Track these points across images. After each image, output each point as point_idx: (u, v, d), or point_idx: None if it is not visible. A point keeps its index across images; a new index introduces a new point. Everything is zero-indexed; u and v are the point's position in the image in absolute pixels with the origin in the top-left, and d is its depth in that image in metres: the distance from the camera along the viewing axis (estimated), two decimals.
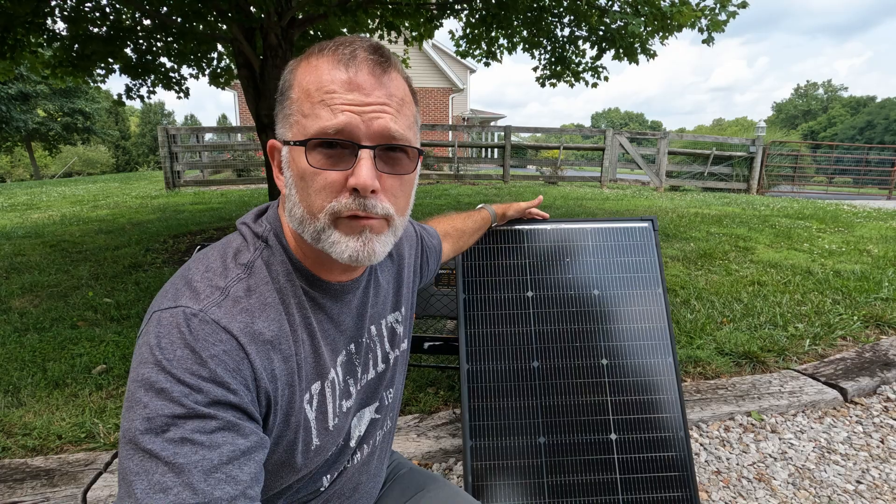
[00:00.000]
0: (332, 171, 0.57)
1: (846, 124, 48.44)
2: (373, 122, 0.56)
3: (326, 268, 0.65)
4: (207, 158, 11.68)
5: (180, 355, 0.50)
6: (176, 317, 0.53)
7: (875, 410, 2.06)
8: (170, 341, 0.51)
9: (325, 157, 0.57)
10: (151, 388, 0.49)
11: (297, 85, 0.58)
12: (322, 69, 0.57)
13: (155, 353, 0.50)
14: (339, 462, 0.72)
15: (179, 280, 0.58)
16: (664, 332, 1.45)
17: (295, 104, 0.58)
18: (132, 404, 0.49)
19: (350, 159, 0.57)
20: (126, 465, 0.47)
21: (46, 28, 4.39)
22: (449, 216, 1.19)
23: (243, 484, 0.49)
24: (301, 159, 0.57)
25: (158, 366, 0.50)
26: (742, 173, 10.97)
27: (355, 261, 0.59)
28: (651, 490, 1.32)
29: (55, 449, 1.76)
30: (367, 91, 0.56)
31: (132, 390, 0.50)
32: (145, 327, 0.54)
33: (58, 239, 5.04)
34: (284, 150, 0.61)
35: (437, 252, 1.02)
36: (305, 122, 0.57)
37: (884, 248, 4.42)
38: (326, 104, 0.56)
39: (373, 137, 0.57)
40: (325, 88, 0.56)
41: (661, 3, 3.98)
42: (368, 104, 0.56)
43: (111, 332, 2.69)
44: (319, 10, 4.17)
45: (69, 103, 22.89)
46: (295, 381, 0.60)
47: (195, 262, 0.60)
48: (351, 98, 0.56)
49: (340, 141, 0.56)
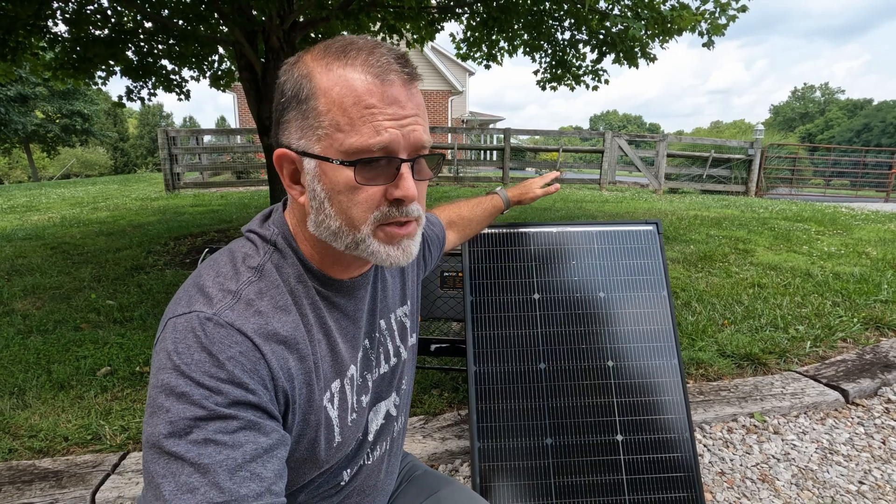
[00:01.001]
0: (375, 186, 0.58)
1: (843, 127, 48.63)
2: (410, 135, 0.58)
3: (339, 266, 0.66)
4: (207, 160, 11.66)
5: (198, 359, 0.51)
6: (191, 321, 0.54)
7: (876, 412, 2.07)
8: (186, 346, 0.52)
9: (368, 172, 0.58)
10: (172, 392, 0.50)
11: (323, 94, 0.56)
12: (354, 80, 0.56)
13: (173, 359, 0.51)
14: (358, 457, 0.73)
15: (191, 286, 0.59)
16: (669, 334, 1.46)
17: (325, 116, 0.56)
18: (154, 410, 0.50)
19: (390, 172, 0.58)
20: (152, 469, 0.48)
21: (48, 30, 4.39)
22: (456, 203, 1.19)
23: (268, 481, 0.50)
24: (342, 175, 0.57)
25: (177, 370, 0.51)
26: (740, 176, 11.01)
27: (396, 264, 0.62)
28: (657, 491, 1.34)
29: (62, 451, 1.76)
30: (403, 104, 0.57)
31: (153, 396, 0.51)
32: (161, 334, 0.55)
33: (58, 241, 5.03)
34: (310, 164, 0.59)
35: (440, 241, 1.03)
36: (343, 137, 0.56)
37: (882, 251, 4.45)
38: (367, 120, 0.55)
39: (409, 149, 0.58)
40: (363, 102, 0.55)
41: (661, 8, 4.00)
42: (405, 117, 0.57)
43: (114, 335, 2.70)
44: (322, 13, 4.18)
45: (67, 105, 22.88)
46: (313, 381, 0.61)
47: (205, 268, 0.61)
48: (390, 112, 0.56)
49: (383, 157, 0.57)
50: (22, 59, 4.42)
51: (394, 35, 4.91)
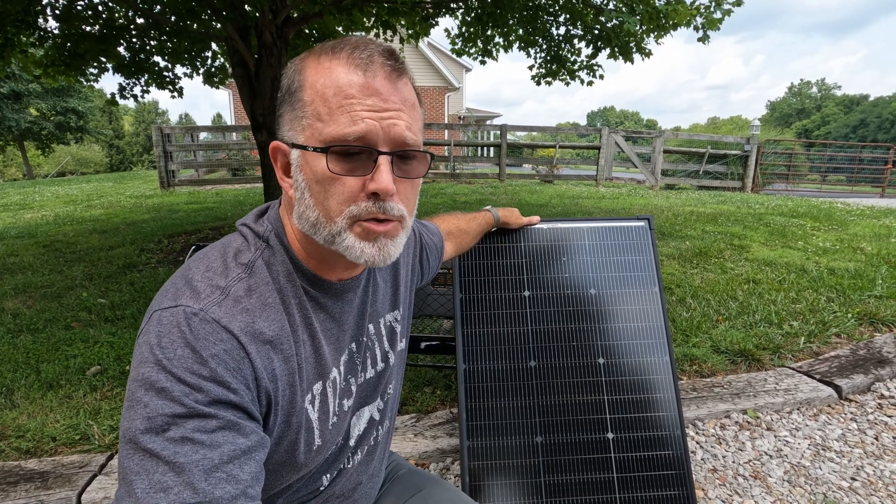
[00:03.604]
0: (351, 177, 0.57)
1: (839, 123, 48.75)
2: (390, 129, 0.57)
3: (329, 267, 0.65)
4: (202, 158, 11.62)
5: (181, 354, 0.50)
6: (176, 316, 0.53)
7: (869, 408, 2.07)
8: (170, 340, 0.51)
9: (345, 163, 0.57)
10: (152, 387, 0.49)
11: (310, 86, 0.57)
12: (338, 72, 0.56)
13: (155, 353, 0.50)
14: (338, 461, 0.72)
15: (179, 279, 0.58)
16: (661, 330, 1.45)
17: (308, 107, 0.57)
18: (132, 403, 0.49)
19: (368, 165, 0.57)
20: (126, 465, 0.47)
21: (38, 26, 4.35)
22: (454, 215, 1.20)
23: (244, 483, 0.49)
24: (319, 164, 0.57)
25: (159, 365, 0.50)
26: (737, 172, 11.02)
27: (371, 263, 0.60)
28: (648, 489, 1.33)
29: (49, 451, 1.74)
30: (385, 97, 0.57)
31: (132, 389, 0.50)
32: (145, 326, 0.54)
33: (51, 239, 5.00)
34: (295, 154, 0.60)
35: (438, 250, 1.02)
36: (321, 126, 0.56)
37: (877, 246, 4.45)
38: (346, 110, 0.56)
39: (390, 143, 0.57)
40: (343, 93, 0.56)
41: (656, 2, 3.98)
42: (386, 110, 0.57)
43: (105, 333, 2.67)
44: (315, 8, 4.14)
45: (62, 102, 22.71)
46: (296, 381, 0.60)
47: (195, 261, 0.60)
48: (370, 104, 0.56)
49: (360, 147, 0.56)
50: (11, 56, 4.38)
51: (388, 31, 4.88)
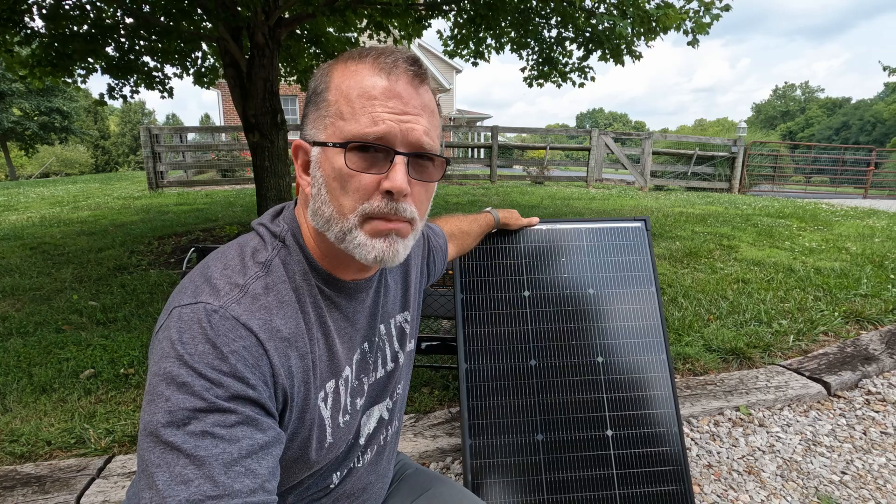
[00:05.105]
0: (367, 175, 0.59)
1: (823, 125, 49.65)
2: (409, 132, 0.58)
3: (343, 266, 0.67)
4: (191, 158, 11.49)
5: (202, 350, 0.51)
6: (197, 312, 0.54)
7: (857, 403, 2.12)
8: (191, 336, 0.52)
9: (362, 160, 0.58)
10: (173, 381, 0.50)
11: (335, 87, 0.60)
12: (363, 74, 0.59)
13: (177, 348, 0.51)
14: (348, 459, 0.73)
15: (198, 277, 0.59)
16: (657, 329, 1.48)
17: (332, 106, 0.60)
18: (154, 397, 0.50)
19: (384, 164, 0.59)
20: (147, 458, 0.48)
21: (24, 25, 4.28)
22: (455, 217, 1.21)
23: (262, 477, 0.50)
24: (337, 160, 0.59)
25: (180, 360, 0.51)
26: (724, 173, 11.18)
27: (380, 262, 0.61)
28: (646, 484, 1.35)
29: (44, 455, 1.72)
30: (406, 100, 0.59)
31: (154, 384, 0.51)
32: (165, 322, 0.55)
33: (38, 241, 4.92)
34: (315, 151, 0.62)
35: (444, 251, 1.03)
36: (343, 124, 0.59)
37: (861, 246, 4.55)
38: (368, 111, 0.58)
39: (407, 145, 0.59)
40: (366, 94, 0.58)
41: (646, 6, 4.03)
42: (406, 113, 0.59)
43: (97, 336, 2.64)
44: (307, 9, 4.14)
45: (46, 102, 22.36)
46: (310, 379, 0.61)
47: (213, 259, 0.62)
48: (391, 106, 0.58)
49: (378, 146, 0.58)
50: None
51: (380, 32, 4.88)
